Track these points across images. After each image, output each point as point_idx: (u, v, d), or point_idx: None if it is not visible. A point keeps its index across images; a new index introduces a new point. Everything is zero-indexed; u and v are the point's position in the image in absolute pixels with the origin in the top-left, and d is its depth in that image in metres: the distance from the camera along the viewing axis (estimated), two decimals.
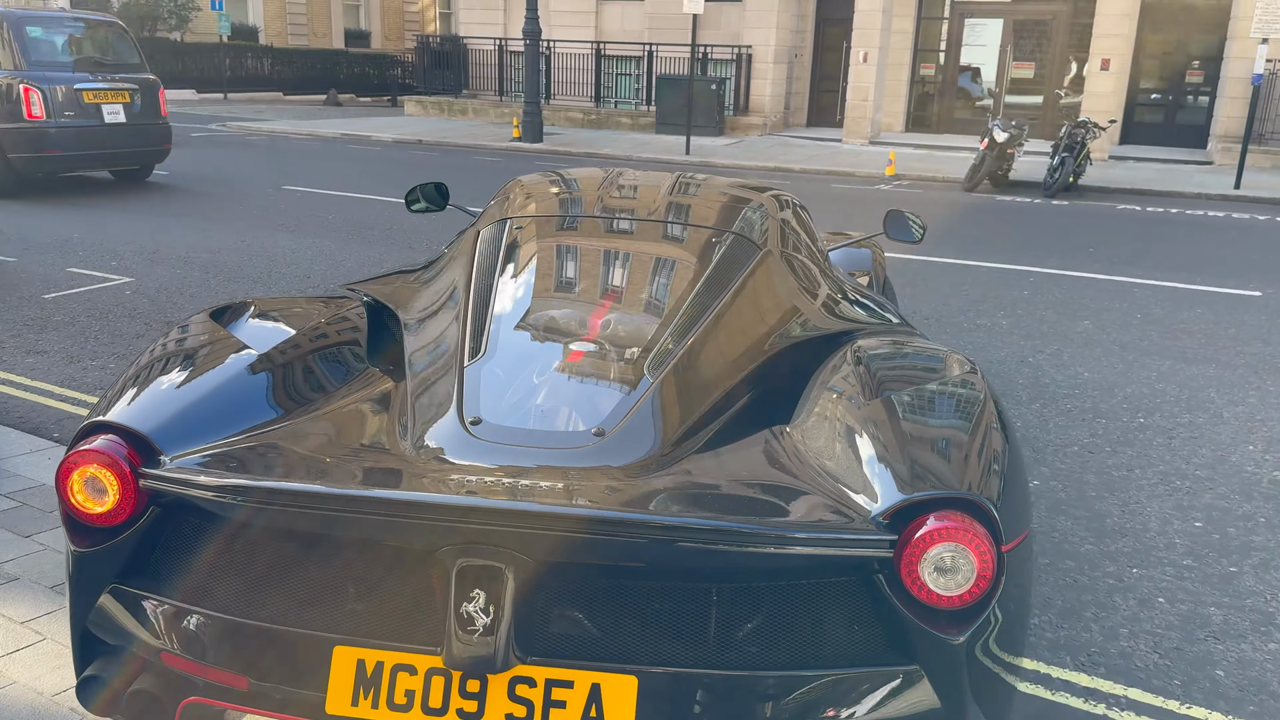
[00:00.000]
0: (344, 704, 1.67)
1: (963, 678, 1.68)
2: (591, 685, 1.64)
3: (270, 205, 10.20)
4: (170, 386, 2.02)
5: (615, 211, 2.99)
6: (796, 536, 1.66)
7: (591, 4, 23.57)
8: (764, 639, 1.71)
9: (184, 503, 1.79)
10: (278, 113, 24.60)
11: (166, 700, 1.79)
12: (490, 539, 1.60)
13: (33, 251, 7.47)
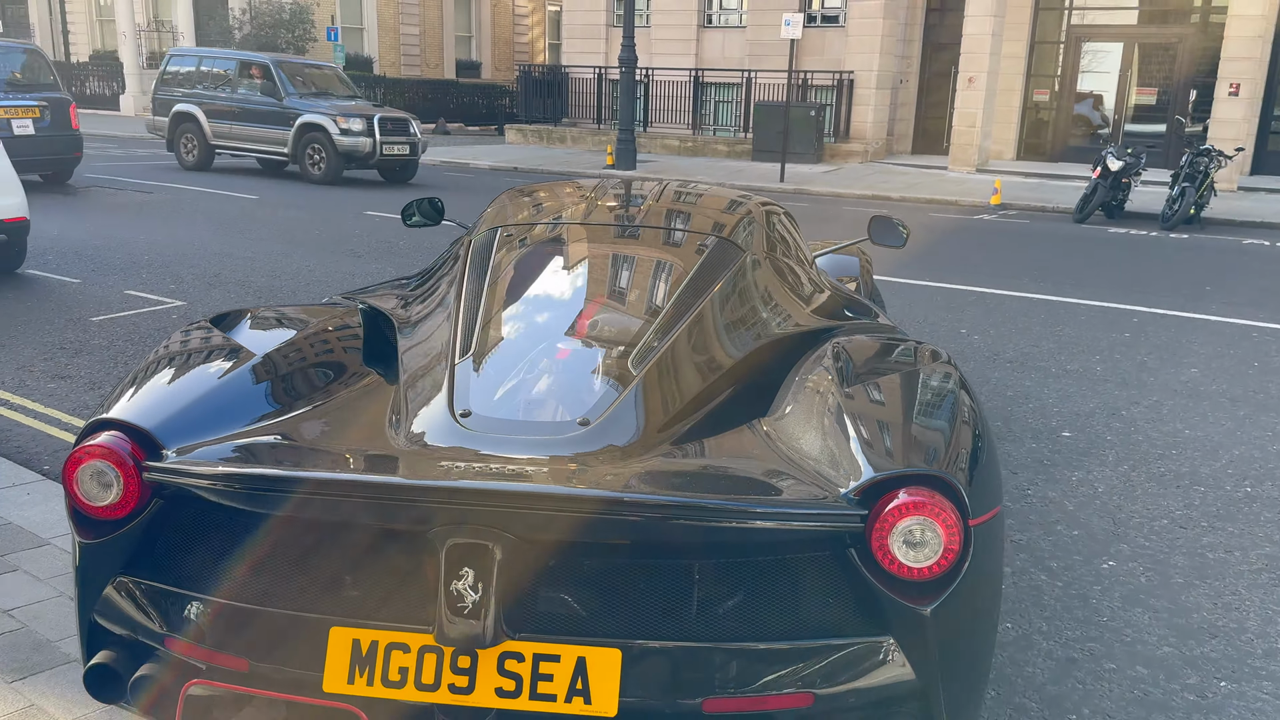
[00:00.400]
0: (340, 682, 1.74)
1: (934, 648, 1.74)
2: (578, 659, 1.70)
3: (346, 230, 10.19)
4: (172, 385, 2.12)
5: (603, 218, 3.08)
6: (772, 512, 1.72)
7: (693, 31, 23.38)
8: (743, 613, 1.77)
9: (186, 494, 1.87)
10: None
11: (170, 685, 1.87)
12: (477, 519, 1.67)
13: (99, 272, 7.53)
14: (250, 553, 1.88)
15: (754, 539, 1.75)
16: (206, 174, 15.33)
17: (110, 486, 1.88)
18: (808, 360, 2.39)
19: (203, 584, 1.88)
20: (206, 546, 1.92)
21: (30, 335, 5.77)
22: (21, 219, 6.96)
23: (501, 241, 2.81)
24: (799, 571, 1.80)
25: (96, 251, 8.33)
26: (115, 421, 1.95)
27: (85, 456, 1.88)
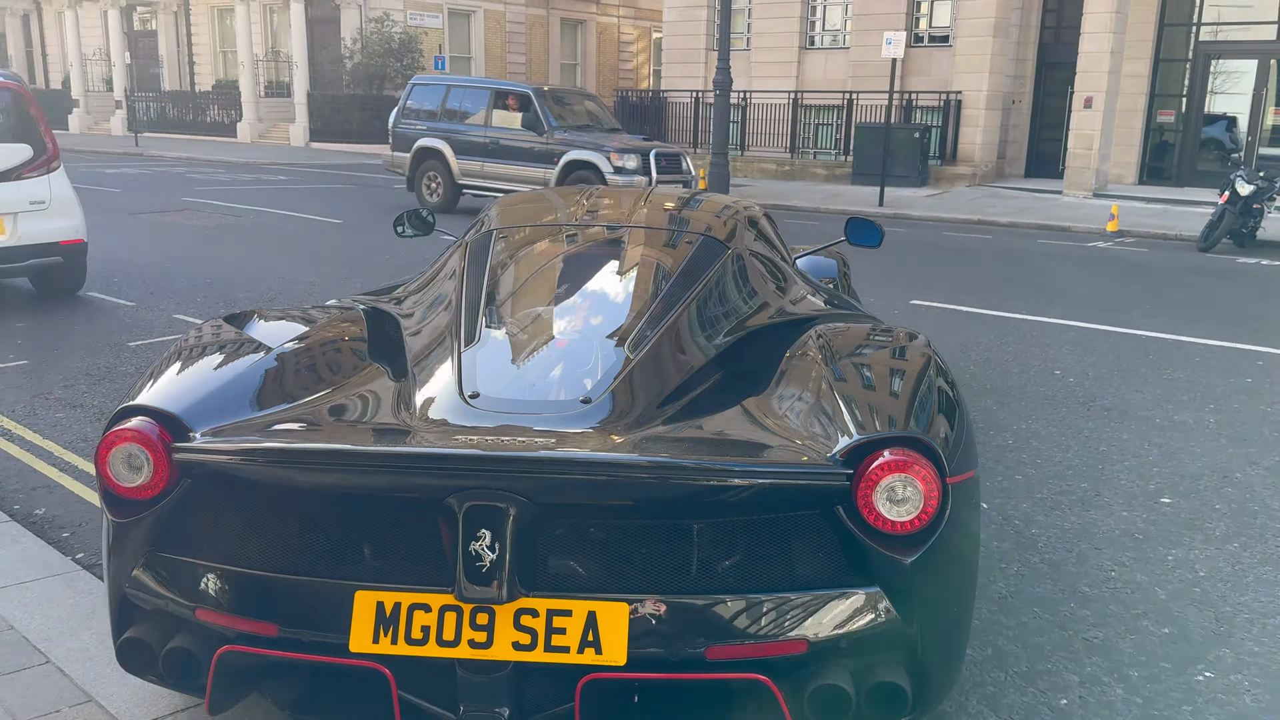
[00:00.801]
0: (366, 642, 1.86)
1: (917, 597, 1.89)
2: (588, 613, 1.84)
3: (416, 252, 10.01)
4: (193, 374, 2.25)
5: (595, 219, 3.28)
6: (765, 471, 1.90)
7: (793, 54, 22.85)
8: (740, 568, 1.91)
9: (213, 472, 2.00)
10: None
11: (201, 653, 1.97)
12: (493, 484, 1.81)
13: (156, 296, 7.47)
14: (276, 525, 2.02)
15: (748, 498, 1.90)
16: (311, 200, 15.51)
17: (140, 469, 2.00)
18: (793, 342, 2.54)
19: (231, 556, 2.01)
20: (234, 521, 2.04)
21: (63, 360, 5.65)
22: (78, 241, 6.93)
23: (498, 241, 2.97)
24: (791, 529, 1.93)
25: (161, 274, 8.32)
26: (143, 408, 2.08)
27: (116, 440, 2.00)
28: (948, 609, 2.02)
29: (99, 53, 35.17)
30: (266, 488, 2.01)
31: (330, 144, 28.47)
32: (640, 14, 38.30)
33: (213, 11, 34.14)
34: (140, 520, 2.04)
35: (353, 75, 29.12)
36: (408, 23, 30.48)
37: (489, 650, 1.85)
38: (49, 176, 6.78)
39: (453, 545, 1.84)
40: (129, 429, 2.01)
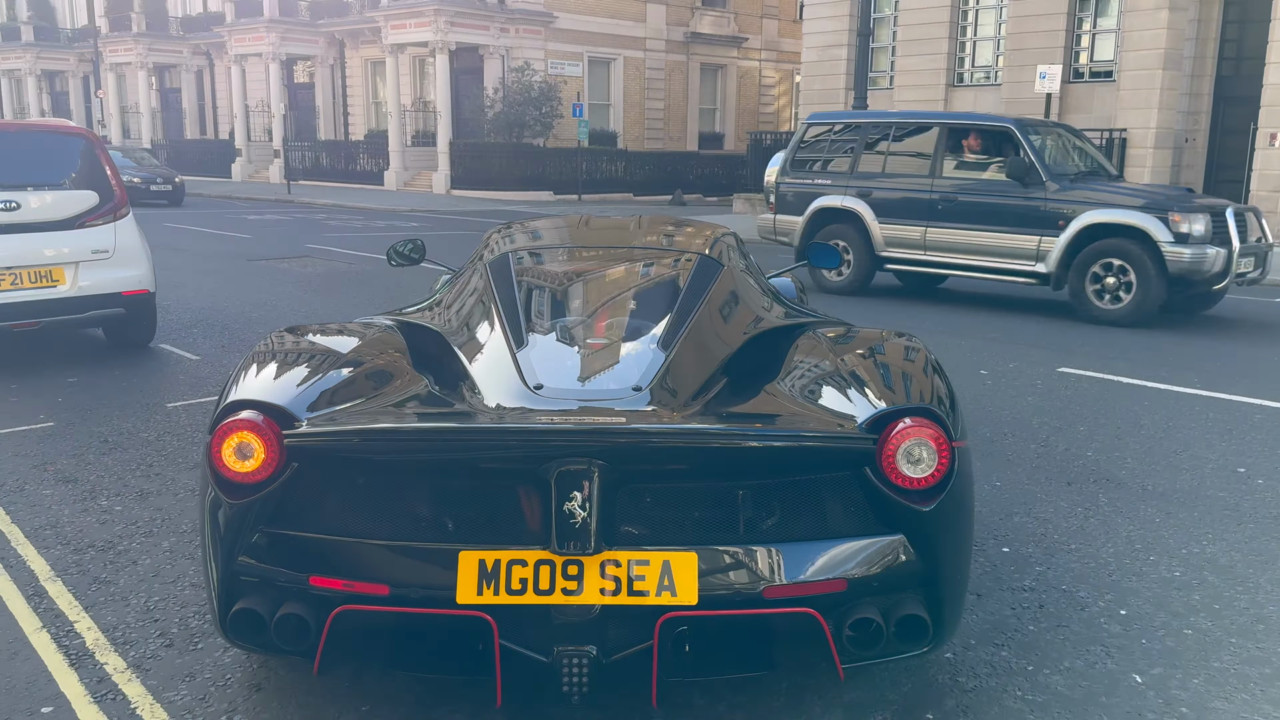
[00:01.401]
0: (471, 594, 2.18)
1: (934, 540, 2.32)
2: (664, 562, 2.21)
3: None
4: (281, 373, 2.55)
5: (599, 240, 3.79)
6: (806, 436, 2.32)
7: (940, 92, 21.62)
8: (786, 521, 2.33)
9: (322, 454, 2.28)
10: (616, 211, 25.03)
11: (312, 618, 2.24)
12: (580, 452, 2.17)
13: (227, 349, 7.12)
14: (383, 497, 2.31)
15: (791, 461, 2.33)
16: (431, 248, 15.30)
17: (250, 456, 2.24)
18: (799, 340, 2.99)
19: (341, 528, 2.28)
20: (342, 496, 2.31)
21: (91, 422, 5.25)
22: (143, 292, 6.63)
23: (519, 262, 3.32)
24: (827, 487, 2.35)
25: (244, 325, 8.01)
26: (250, 401, 2.33)
27: (229, 432, 2.25)
28: (956, 552, 2.41)
29: (261, 104, 37.06)
30: (373, 465, 2.32)
31: (470, 190, 28.84)
32: (783, 57, 37.61)
33: (366, 64, 35.46)
34: (252, 501, 2.28)
35: (493, 124, 29.49)
36: (548, 72, 30.77)
37: (579, 596, 2.17)
38: (115, 224, 6.52)
39: (544, 507, 2.18)
40: (240, 420, 2.27)
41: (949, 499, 2.32)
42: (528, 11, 30.06)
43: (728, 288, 3.23)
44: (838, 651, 2.27)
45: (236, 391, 2.44)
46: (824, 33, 23.57)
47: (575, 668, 2.18)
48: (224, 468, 2.28)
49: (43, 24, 44.46)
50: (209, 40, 38.61)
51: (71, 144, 6.46)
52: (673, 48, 34.57)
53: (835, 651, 2.27)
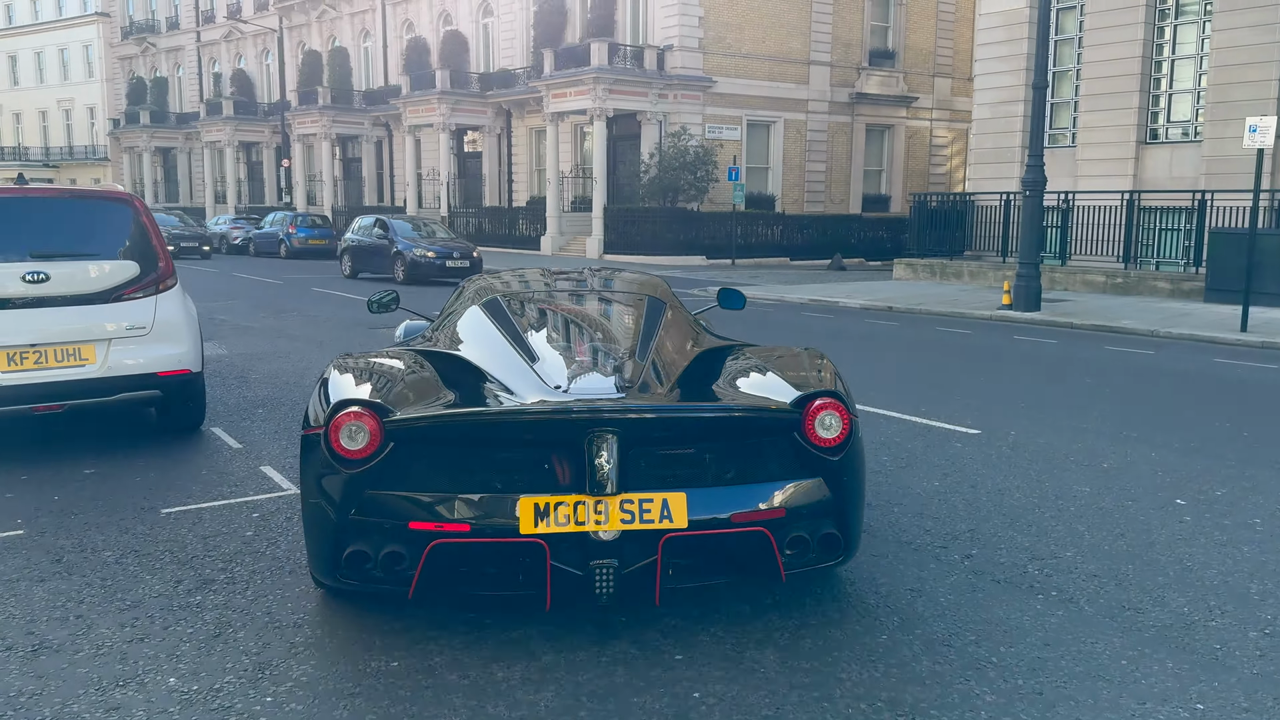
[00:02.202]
0: (530, 527, 3.14)
1: (841, 481, 3.47)
2: (663, 500, 3.21)
3: None
4: (361, 381, 3.54)
5: (568, 286, 4.90)
6: (756, 409, 3.47)
7: (1130, 149, 19.52)
8: (747, 470, 3.43)
9: (413, 435, 3.24)
10: (770, 277, 23.88)
11: (410, 553, 3.18)
12: (605, 427, 3.17)
13: (276, 437, 6.41)
14: (458, 463, 3.30)
15: (746, 428, 3.46)
16: None
17: (358, 437, 3.20)
18: (733, 355, 4.20)
19: (428, 486, 3.25)
20: (427, 464, 3.28)
21: (66, 528, 4.55)
22: (182, 372, 6.01)
23: (509, 302, 4.38)
24: (770, 446, 3.47)
25: None
26: (353, 399, 3.29)
27: (341, 421, 3.22)
28: (856, 490, 3.59)
29: (432, 172, 38.21)
30: (451, 441, 3.32)
31: (622, 255, 28.39)
32: (956, 116, 35.74)
33: (530, 133, 36.00)
34: (360, 471, 3.22)
35: (647, 188, 29.07)
36: (705, 136, 30.19)
37: (606, 524, 3.17)
38: (157, 298, 5.95)
39: (577, 465, 3.21)
40: (349, 412, 3.23)
41: (850, 453, 3.51)
42: (686, 77, 29.65)
43: (672, 320, 4.37)
44: (781, 560, 3.36)
45: (338, 395, 3.37)
46: (997, 88, 21.87)
47: (603, 577, 3.17)
48: (339, 447, 3.20)
49: (242, 99, 47.83)
50: (387, 112, 40.33)
51: (114, 211, 5.96)
52: (837, 109, 33.40)
53: (780, 560, 3.35)
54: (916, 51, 35.17)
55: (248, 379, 8.60)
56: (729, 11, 30.31)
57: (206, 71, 52.45)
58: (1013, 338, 12.62)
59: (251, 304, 15.43)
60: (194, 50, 52.93)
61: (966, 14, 36.32)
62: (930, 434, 6.68)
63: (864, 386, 8.39)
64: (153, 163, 54.10)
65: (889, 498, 5.17)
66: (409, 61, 38.89)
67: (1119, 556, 4.33)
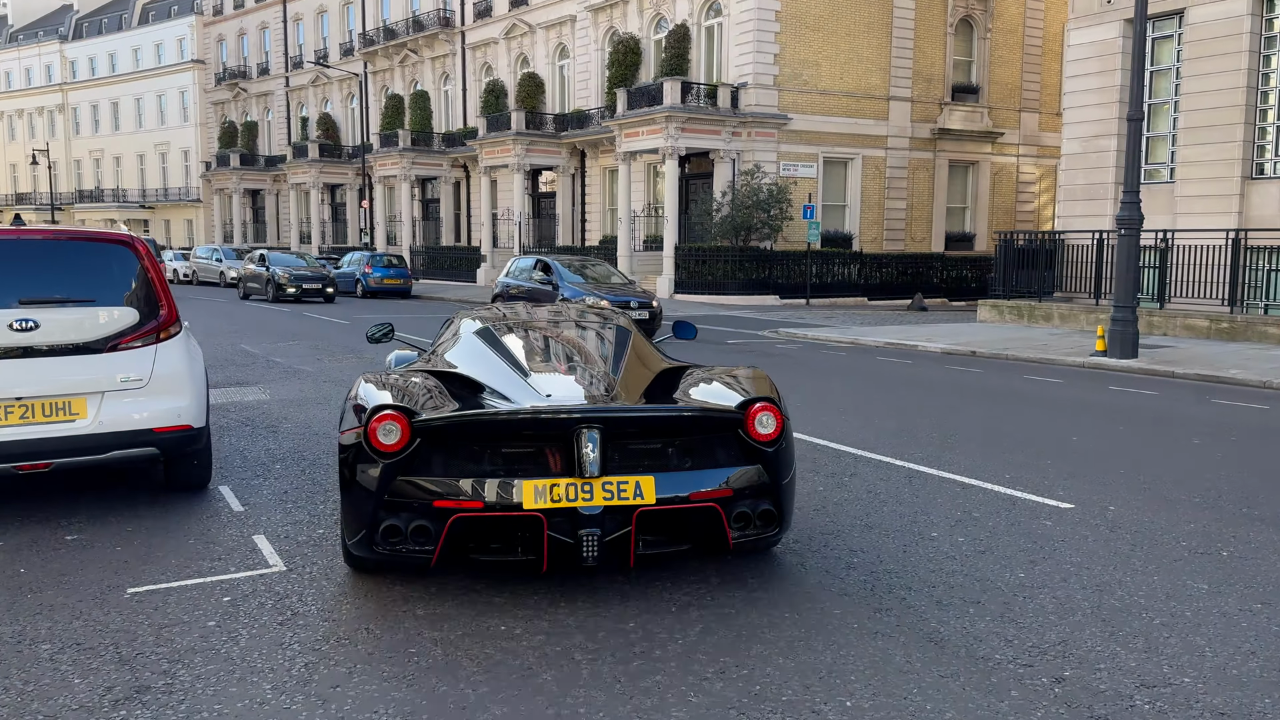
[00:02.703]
0: (531, 503, 3.89)
1: (775, 468, 4.26)
2: (636, 481, 3.97)
3: None
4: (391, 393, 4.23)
5: (547, 318, 5.76)
6: (709, 409, 4.26)
7: (1234, 185, 18.25)
8: (703, 458, 4.23)
9: (436, 432, 4.00)
10: (846, 318, 22.98)
11: (434, 526, 3.94)
12: (591, 424, 3.96)
13: (290, 497, 5.89)
14: (473, 453, 4.06)
15: (702, 424, 4.25)
16: None
17: (391, 433, 3.96)
18: (689, 371, 5.05)
19: (448, 472, 4.02)
20: (448, 455, 4.06)
21: (15, 610, 4.04)
22: (182, 428, 5.54)
23: (499, 331, 5.25)
24: (719, 440, 4.26)
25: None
26: (387, 405, 4.04)
27: (378, 421, 3.98)
28: (788, 476, 4.39)
29: (507, 212, 38.26)
30: (468, 437, 4.08)
31: (692, 295, 27.81)
32: (1044, 151, 34.45)
33: (604, 172, 35.82)
34: (394, 461, 3.99)
35: (719, 227, 28.48)
36: (780, 173, 29.54)
37: (591, 501, 3.93)
38: (157, 347, 5.51)
39: (568, 454, 3.99)
40: (385, 414, 4.00)
41: (782, 446, 4.36)
42: (760, 114, 29.09)
43: (637, 344, 5.27)
44: (730, 532, 4.20)
45: (374, 401, 4.15)
46: (1088, 121, 20.76)
47: (589, 543, 3.96)
48: (376, 442, 4.00)
49: (327, 142, 48.88)
50: (465, 154, 40.67)
51: (113, 255, 5.55)
52: (918, 145, 32.44)
53: (729, 532, 4.19)
54: (1002, 86, 34.04)
55: (278, 429, 8.17)
56: (805, 48, 29.73)
57: (294, 115, 53.89)
58: (1108, 388, 11.56)
59: (311, 346, 15.20)
60: (283, 95, 54.47)
61: (1054, 47, 35.11)
62: (1016, 508, 5.84)
63: (938, 448, 7.56)
64: (242, 204, 55.65)
65: (964, 593, 4.37)
66: (486, 104, 39.22)
67: (1252, 684, 3.47)
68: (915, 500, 5.98)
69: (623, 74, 32.67)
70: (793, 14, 29.38)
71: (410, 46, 44.43)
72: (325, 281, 28.48)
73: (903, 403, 10.13)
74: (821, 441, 7.79)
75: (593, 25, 35.12)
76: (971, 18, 33.25)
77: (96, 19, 67.81)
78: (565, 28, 36.71)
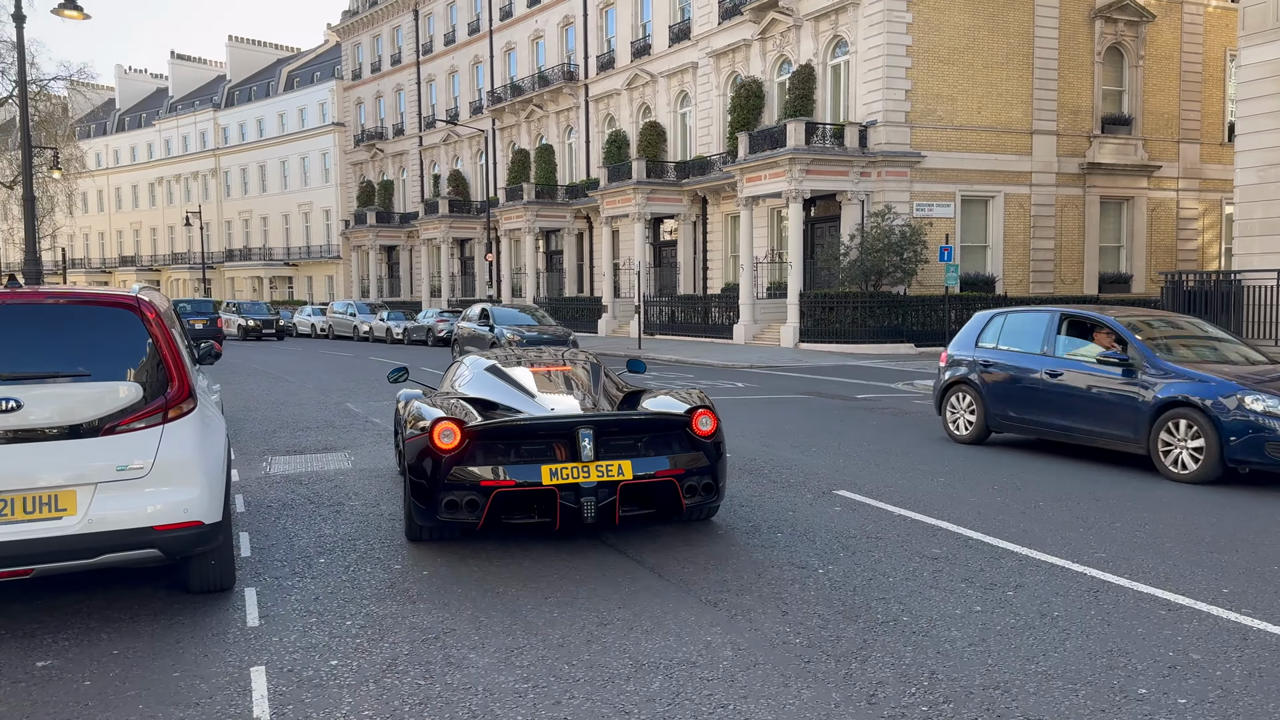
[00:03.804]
0: (547, 481, 5.63)
1: (712, 455, 6.09)
2: (619, 464, 5.75)
3: (810, 525, 6.55)
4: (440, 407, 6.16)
5: (540, 358, 7.53)
6: (665, 417, 6.15)
7: None
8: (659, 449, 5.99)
9: (484, 434, 5.74)
10: None
11: (481, 499, 5.62)
12: (588, 426, 5.79)
13: (309, 606, 4.92)
14: (508, 449, 5.75)
15: (659, 425, 6.10)
16: (748, 415, 12.76)
17: (451, 437, 5.65)
18: (651, 391, 6.98)
19: (491, 463, 5.70)
20: (489, 451, 5.72)
21: None
22: (190, 525, 4.65)
23: (505, 366, 7.13)
24: (673, 437, 6.05)
25: (388, 547, 5.87)
26: (444, 416, 5.79)
27: (439, 428, 5.67)
28: (721, 459, 6.14)
29: (628, 262, 37.67)
30: (503, 437, 5.76)
31: (818, 344, 26.31)
32: (1207, 185, 31.66)
33: (726, 219, 34.84)
34: (451, 456, 5.63)
35: (847, 272, 26.97)
36: (914, 214, 27.87)
37: (589, 478, 5.62)
38: (163, 429, 4.67)
39: (573, 446, 5.72)
40: (443, 423, 5.69)
41: (717, 440, 6.13)
42: (892, 153, 27.58)
43: (606, 373, 7.26)
44: (684, 499, 5.90)
45: (433, 416, 5.89)
46: (1265, 148, 18.49)
47: (588, 506, 5.62)
48: (437, 443, 5.66)
49: (456, 198, 49.71)
50: (587, 205, 40.46)
51: (114, 320, 4.75)
52: (1066, 180, 30.21)
53: (683, 499, 5.90)
54: (1157, 116, 31.51)
55: (343, 508, 7.32)
56: (939, 83, 28.13)
57: (427, 173, 55.21)
58: None
59: None
60: (416, 154, 55.93)
61: (1215, 72, 32.39)
62: (1248, 643, 4.34)
63: (1124, 545, 6.02)
64: (378, 259, 57.18)
65: None
66: (608, 154, 38.95)
67: None
68: (1107, 632, 4.55)
69: (745, 118, 31.74)
70: (925, 48, 27.88)
71: (535, 101, 44.80)
72: (559, 340, 23.40)
73: (1067, 477, 8.55)
74: (971, 533, 6.39)
75: (714, 71, 34.41)
76: (1121, 45, 30.97)
77: (246, 87, 71.69)
78: (687, 75, 36.14)
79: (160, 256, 77.01)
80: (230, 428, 12.26)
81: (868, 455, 9.57)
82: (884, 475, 8.47)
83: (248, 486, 8.21)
